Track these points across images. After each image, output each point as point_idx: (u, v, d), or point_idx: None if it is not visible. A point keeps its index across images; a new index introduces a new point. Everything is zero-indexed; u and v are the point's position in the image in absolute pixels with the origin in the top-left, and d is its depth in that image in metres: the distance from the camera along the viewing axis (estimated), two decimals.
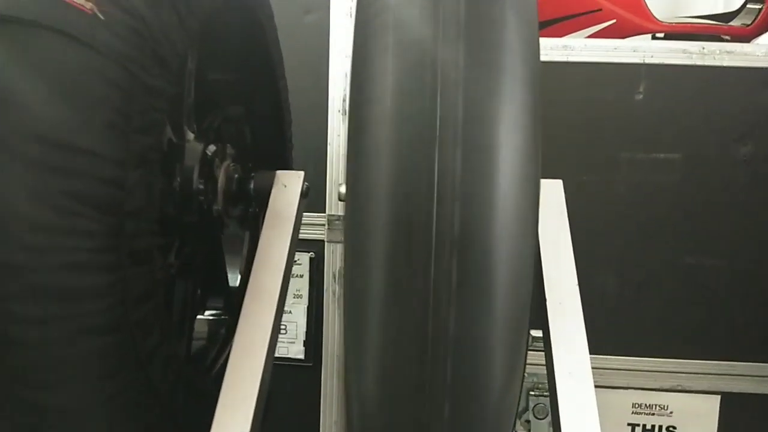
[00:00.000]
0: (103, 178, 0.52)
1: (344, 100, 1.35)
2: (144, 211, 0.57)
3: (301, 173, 0.88)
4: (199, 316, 0.94)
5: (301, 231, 0.91)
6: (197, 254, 0.85)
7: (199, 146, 0.79)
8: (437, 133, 0.51)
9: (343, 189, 0.73)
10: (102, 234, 0.53)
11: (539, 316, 0.75)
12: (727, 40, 1.34)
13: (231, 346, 0.85)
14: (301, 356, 1.44)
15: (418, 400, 0.51)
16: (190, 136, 0.79)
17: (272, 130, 1.03)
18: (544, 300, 0.72)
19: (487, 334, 0.50)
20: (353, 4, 1.31)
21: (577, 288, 0.73)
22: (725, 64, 1.23)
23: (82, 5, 0.53)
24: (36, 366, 0.52)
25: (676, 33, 1.31)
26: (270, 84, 0.99)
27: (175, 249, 0.77)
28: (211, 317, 0.97)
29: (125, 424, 0.59)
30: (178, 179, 0.74)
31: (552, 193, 0.80)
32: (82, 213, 0.51)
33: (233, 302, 0.98)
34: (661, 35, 1.35)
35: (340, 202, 1.32)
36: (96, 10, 0.53)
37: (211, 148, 0.81)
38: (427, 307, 0.48)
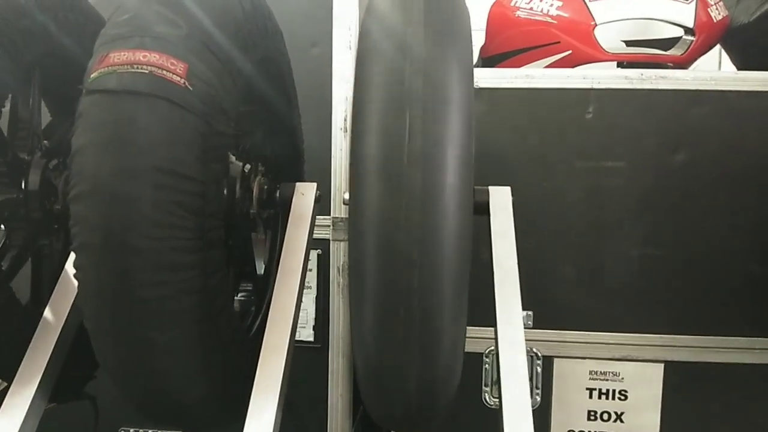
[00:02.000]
0: (194, 192, 0.85)
1: (345, 120, 1.66)
2: (215, 213, 0.90)
3: (315, 184, 1.20)
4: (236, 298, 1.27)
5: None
6: (237, 247, 1.18)
7: (239, 165, 1.11)
8: (405, 159, 0.84)
9: (346, 195, 1.06)
10: (193, 228, 0.85)
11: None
12: (670, 66, 1.66)
13: (262, 317, 1.18)
14: (311, 339, 1.76)
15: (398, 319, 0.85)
16: (233, 158, 1.12)
17: (289, 149, 1.37)
18: (493, 273, 1.04)
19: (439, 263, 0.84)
20: (351, 39, 1.64)
21: (516, 266, 1.05)
22: (660, 87, 1.54)
23: (179, 81, 0.85)
24: (153, 313, 0.84)
25: (623, 61, 1.63)
26: (288, 115, 1.32)
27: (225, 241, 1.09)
28: (243, 297, 1.30)
29: (203, 358, 0.92)
30: (227, 191, 1.07)
31: (501, 197, 1.12)
32: (182, 215, 0.84)
33: (260, 286, 1.31)
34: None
35: (343, 206, 1.63)
36: (187, 84, 0.86)
37: (247, 166, 1.13)
38: (401, 264, 0.82)
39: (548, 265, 1.58)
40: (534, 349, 1.61)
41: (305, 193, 1.16)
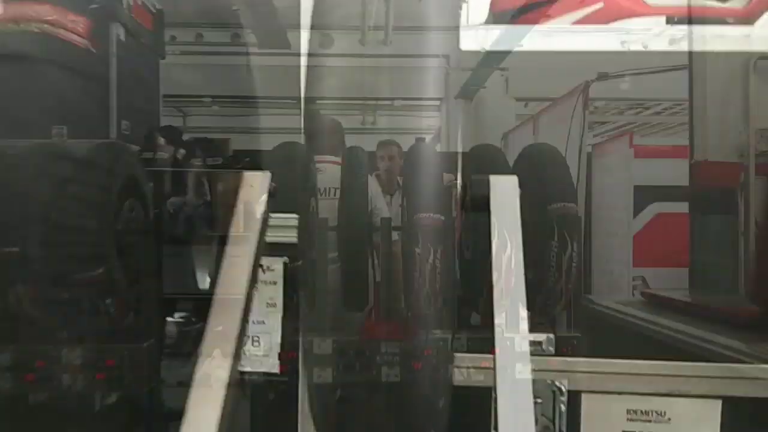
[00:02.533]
0: (102, 184, 0.82)
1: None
2: (130, 209, 0.87)
3: (268, 174, 1.16)
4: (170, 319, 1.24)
5: (273, 234, 1.18)
6: (169, 251, 1.14)
7: (170, 149, 1.08)
8: None
9: None
10: (98, 229, 0.82)
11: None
12: (729, 23, 1.61)
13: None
14: (276, 371, 1.71)
15: None
16: (161, 141, 1.09)
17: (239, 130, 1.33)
18: (491, 279, 0.99)
19: None
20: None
21: (522, 273, 1.00)
22: (716, 48, 1.51)
23: (79, 42, 0.82)
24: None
25: (673, 16, 1.59)
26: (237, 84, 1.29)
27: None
28: (182, 319, 1.26)
29: None
30: (153, 181, 1.03)
31: (505, 188, 1.08)
32: (85, 212, 0.81)
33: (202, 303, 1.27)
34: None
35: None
36: (89, 46, 0.83)
37: (181, 151, 1.10)
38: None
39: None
40: (556, 382, 1.56)
41: (255, 185, 1.12)
